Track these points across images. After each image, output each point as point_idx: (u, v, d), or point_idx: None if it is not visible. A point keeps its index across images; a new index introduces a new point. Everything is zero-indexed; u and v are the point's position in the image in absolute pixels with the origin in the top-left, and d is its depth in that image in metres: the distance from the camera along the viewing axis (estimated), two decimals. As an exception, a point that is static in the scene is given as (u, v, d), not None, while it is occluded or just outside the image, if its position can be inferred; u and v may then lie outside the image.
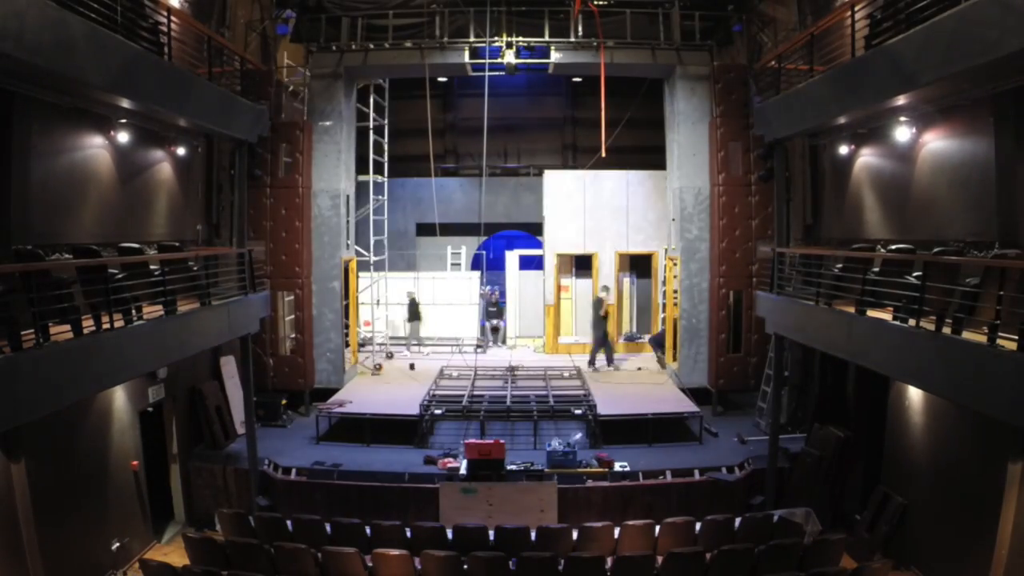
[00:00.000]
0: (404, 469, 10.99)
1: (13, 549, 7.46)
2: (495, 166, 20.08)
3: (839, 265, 9.33)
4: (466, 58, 14.51)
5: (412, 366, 15.81)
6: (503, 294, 19.52)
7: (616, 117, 19.88)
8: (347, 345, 15.44)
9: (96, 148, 9.59)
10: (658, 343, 16.47)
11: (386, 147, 17.15)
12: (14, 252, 7.41)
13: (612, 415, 12.30)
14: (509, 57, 14.08)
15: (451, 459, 11.19)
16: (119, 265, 8.17)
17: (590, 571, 8.03)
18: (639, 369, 15.83)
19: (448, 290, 18.50)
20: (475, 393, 13.96)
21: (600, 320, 15.81)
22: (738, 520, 9.27)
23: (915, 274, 7.42)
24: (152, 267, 8.62)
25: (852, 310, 8.41)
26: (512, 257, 19.31)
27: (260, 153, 12.14)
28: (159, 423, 11.06)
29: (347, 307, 15.37)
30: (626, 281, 18.45)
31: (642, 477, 10.81)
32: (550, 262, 17.91)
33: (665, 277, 16.17)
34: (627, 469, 10.92)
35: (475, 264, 20.59)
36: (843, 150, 11.46)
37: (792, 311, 10.19)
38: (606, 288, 16.67)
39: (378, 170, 16.55)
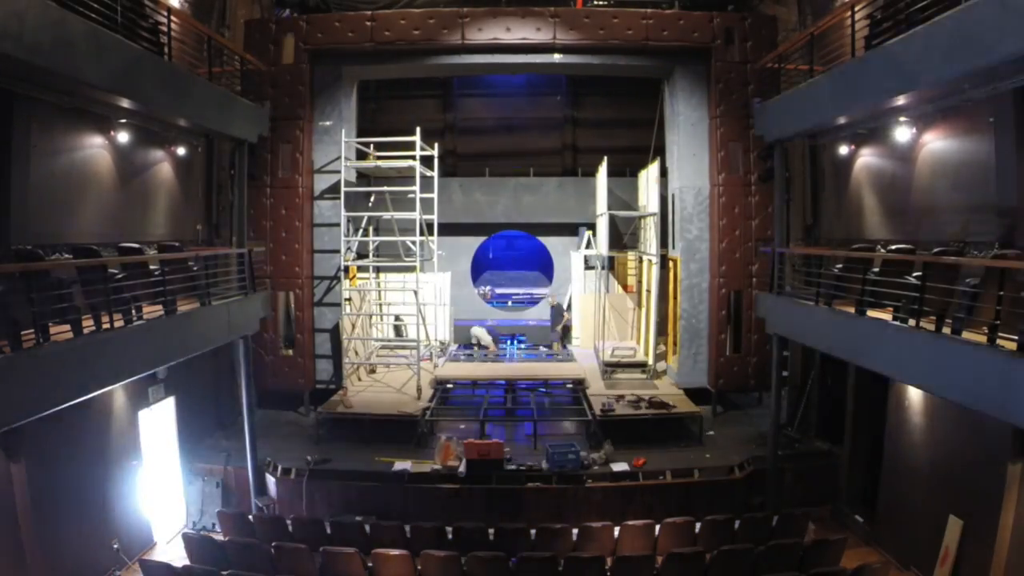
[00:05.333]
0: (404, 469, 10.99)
1: (13, 549, 7.47)
2: (495, 166, 20.07)
3: (839, 265, 9.33)
4: (466, 58, 14.48)
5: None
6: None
7: (616, 117, 19.97)
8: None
9: (96, 148, 9.60)
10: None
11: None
12: (14, 252, 7.41)
13: (612, 415, 12.30)
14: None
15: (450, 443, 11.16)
16: (119, 265, 8.17)
17: (590, 571, 8.04)
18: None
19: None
20: (475, 393, 13.97)
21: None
22: (738, 520, 9.27)
23: (915, 274, 7.42)
24: (152, 267, 8.62)
25: (852, 310, 8.41)
26: (577, 257, 19.05)
27: (260, 153, 12.14)
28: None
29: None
30: None
31: (642, 477, 10.80)
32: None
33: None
34: (627, 469, 10.92)
35: (474, 264, 20.57)
36: (843, 150, 11.47)
37: (792, 311, 10.19)
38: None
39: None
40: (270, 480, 11.11)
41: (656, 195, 15.46)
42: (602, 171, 16.66)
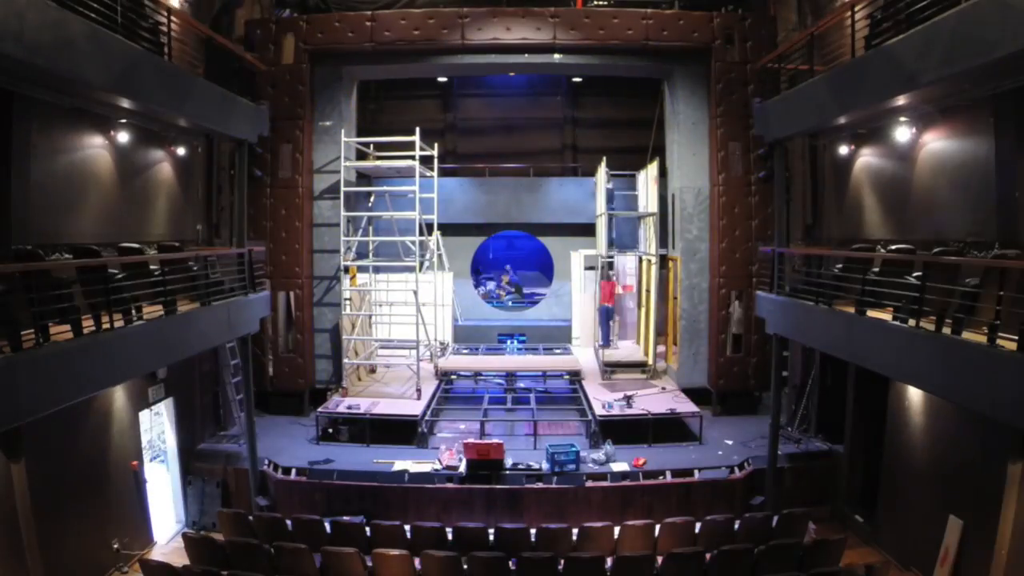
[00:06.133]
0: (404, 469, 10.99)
1: (13, 549, 7.46)
2: (495, 166, 20.08)
3: (839, 265, 9.33)
4: (466, 58, 14.48)
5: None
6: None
7: (616, 117, 19.99)
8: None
9: (96, 148, 9.59)
10: None
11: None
12: (14, 252, 7.41)
13: (612, 415, 12.30)
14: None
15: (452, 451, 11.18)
16: (119, 265, 8.17)
17: (590, 571, 8.03)
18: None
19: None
20: (475, 393, 14.01)
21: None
22: (738, 520, 9.27)
23: (915, 274, 7.42)
24: (152, 267, 8.62)
25: (852, 310, 8.41)
26: (577, 258, 18.75)
27: (260, 153, 12.15)
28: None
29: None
30: None
31: (642, 477, 10.81)
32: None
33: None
34: (627, 469, 10.92)
35: (474, 265, 20.58)
36: (843, 150, 11.47)
37: (792, 311, 10.19)
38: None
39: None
40: (270, 480, 11.11)
41: (655, 195, 15.48)
42: (602, 171, 16.68)
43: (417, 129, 13.91)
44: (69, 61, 6.73)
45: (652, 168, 15.78)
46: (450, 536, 8.99)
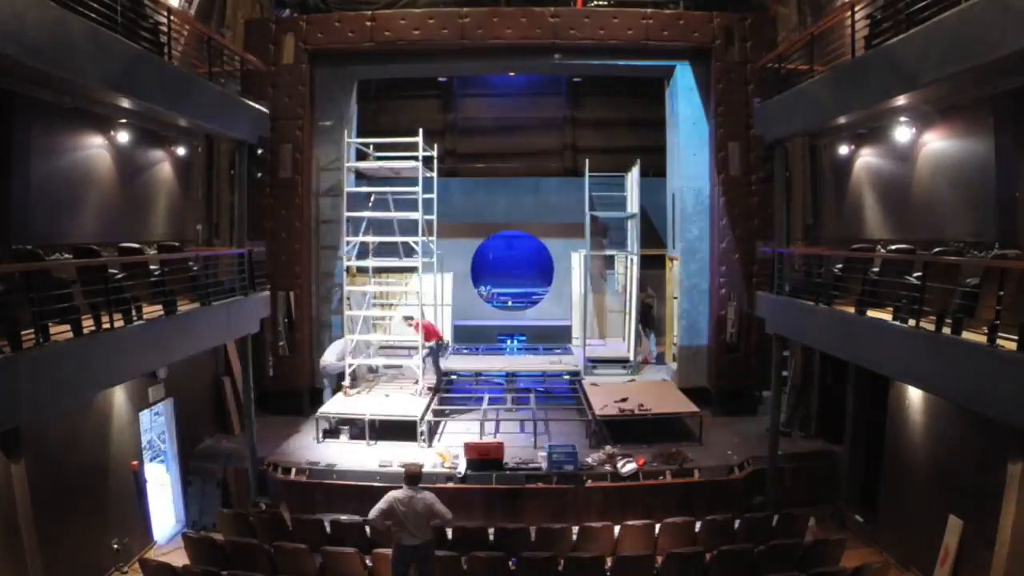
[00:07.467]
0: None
1: (13, 549, 7.46)
2: (495, 166, 20.08)
3: (839, 265, 9.33)
4: (466, 58, 14.47)
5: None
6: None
7: (616, 117, 19.99)
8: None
9: (96, 148, 9.59)
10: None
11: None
12: (14, 252, 7.41)
13: (612, 415, 12.29)
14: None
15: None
16: (119, 265, 8.17)
17: (590, 571, 8.04)
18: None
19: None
20: (475, 393, 14.00)
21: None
22: (738, 520, 9.27)
23: (915, 274, 7.43)
24: (152, 267, 8.63)
25: (852, 310, 8.41)
26: (577, 257, 18.41)
27: (260, 153, 12.15)
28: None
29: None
30: None
31: (642, 477, 10.80)
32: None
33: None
34: (635, 469, 10.88)
35: (475, 266, 20.56)
36: (843, 150, 11.46)
37: (792, 311, 10.19)
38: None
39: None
40: (270, 480, 11.11)
41: (637, 196, 15.72)
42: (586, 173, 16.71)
43: (420, 130, 13.89)
44: (69, 61, 6.73)
45: (635, 169, 16.05)
46: (450, 536, 9.00)
